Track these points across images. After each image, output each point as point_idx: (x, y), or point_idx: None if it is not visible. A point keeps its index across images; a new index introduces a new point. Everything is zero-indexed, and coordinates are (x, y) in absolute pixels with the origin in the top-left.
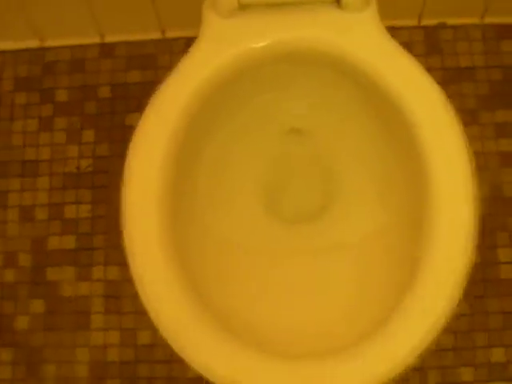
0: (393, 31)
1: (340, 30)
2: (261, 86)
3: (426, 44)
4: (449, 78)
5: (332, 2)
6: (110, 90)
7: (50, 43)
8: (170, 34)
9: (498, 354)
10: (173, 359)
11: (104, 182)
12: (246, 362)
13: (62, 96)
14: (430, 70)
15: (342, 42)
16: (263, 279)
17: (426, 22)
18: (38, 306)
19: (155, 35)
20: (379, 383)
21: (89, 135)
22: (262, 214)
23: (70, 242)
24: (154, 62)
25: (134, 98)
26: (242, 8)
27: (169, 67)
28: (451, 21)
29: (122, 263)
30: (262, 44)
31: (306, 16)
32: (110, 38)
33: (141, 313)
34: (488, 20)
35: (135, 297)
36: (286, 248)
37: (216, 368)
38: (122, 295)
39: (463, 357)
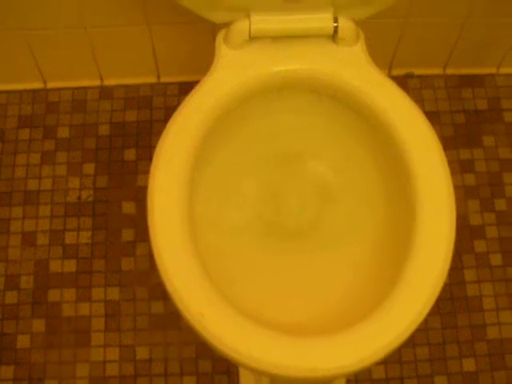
0: None
1: (334, 61)
2: (266, 110)
3: None
4: None
5: (328, 38)
6: (109, 128)
7: (52, 85)
8: (165, 79)
9: (468, 364)
10: (170, 373)
11: (104, 210)
12: (257, 336)
13: (63, 133)
14: None
15: (337, 71)
16: (266, 274)
17: (395, 72)
18: (39, 325)
19: (151, 79)
20: (378, 357)
21: (89, 168)
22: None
23: (70, 265)
24: (149, 103)
25: (131, 135)
26: (251, 40)
27: (163, 108)
28: (417, 71)
29: (121, 284)
30: (268, 72)
31: (306, 49)
32: (109, 81)
33: (139, 330)
34: (450, 71)
35: (134, 315)
36: (284, 250)
37: (232, 342)
38: (122, 314)
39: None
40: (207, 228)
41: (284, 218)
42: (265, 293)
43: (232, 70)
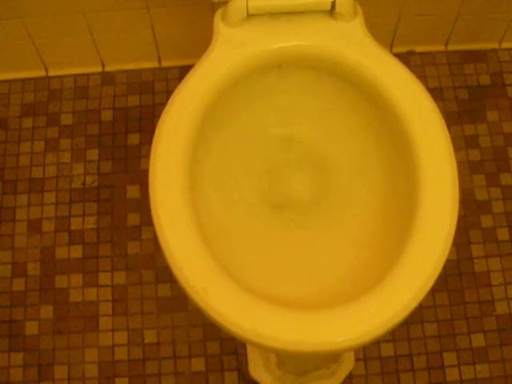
0: None
1: (334, 37)
2: (265, 88)
3: None
4: None
5: (326, 13)
6: (112, 113)
7: (54, 72)
8: (166, 63)
9: (477, 340)
10: (178, 356)
11: (108, 195)
12: (261, 311)
13: (66, 120)
14: None
15: (336, 47)
16: (268, 250)
17: (396, 49)
18: (47, 311)
19: (152, 64)
20: (383, 329)
21: (93, 154)
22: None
23: (76, 251)
24: (151, 87)
25: (133, 120)
26: (249, 18)
27: (165, 92)
28: (419, 48)
29: (128, 268)
30: (266, 49)
31: (304, 25)
32: (110, 67)
33: (147, 313)
34: (451, 47)
35: (141, 299)
36: (287, 228)
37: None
38: (129, 298)
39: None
40: (210, 205)
41: (286, 196)
42: (268, 269)
43: (230, 48)
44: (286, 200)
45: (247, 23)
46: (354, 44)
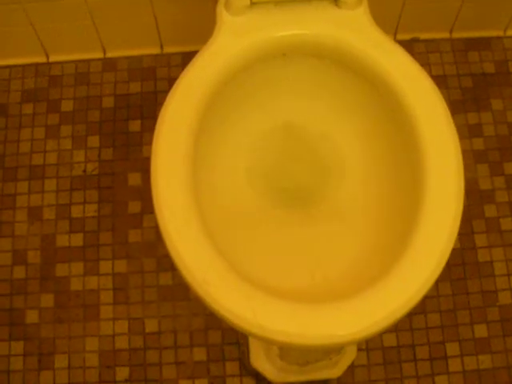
0: None
1: (338, 25)
2: (269, 77)
3: None
4: None
5: (330, 1)
6: (113, 100)
7: (55, 58)
8: (168, 50)
9: (480, 330)
10: (179, 345)
11: (109, 183)
12: (264, 303)
13: (67, 106)
14: None
15: (341, 35)
16: (268, 244)
17: (400, 36)
18: (47, 300)
19: (154, 50)
20: (388, 322)
21: (94, 141)
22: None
23: (77, 239)
24: (153, 74)
25: (135, 107)
26: (252, 6)
27: (167, 79)
28: (423, 36)
29: (129, 256)
30: (270, 38)
31: (308, 13)
32: (111, 53)
33: (148, 302)
34: (456, 34)
35: (142, 287)
36: (291, 220)
37: (238, 310)
38: (130, 286)
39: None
40: (213, 195)
41: (290, 188)
42: (271, 261)
43: (233, 37)
44: (290, 192)
45: (251, 11)
46: (358, 32)
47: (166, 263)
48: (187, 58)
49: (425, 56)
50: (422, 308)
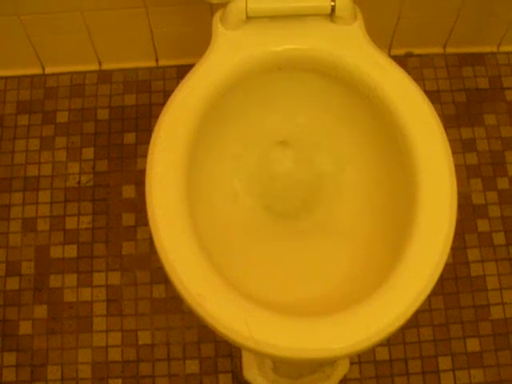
0: None
1: (333, 40)
2: (264, 92)
3: None
4: None
5: (325, 16)
6: (108, 112)
7: (51, 70)
8: (163, 63)
9: (472, 344)
10: (172, 357)
11: (104, 195)
12: (258, 317)
13: (62, 118)
14: None
15: (336, 50)
16: (264, 257)
17: (395, 51)
18: (40, 311)
19: (149, 63)
20: (381, 336)
21: (89, 153)
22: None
23: (71, 250)
24: (148, 87)
25: (130, 119)
26: (247, 20)
27: (162, 91)
28: (417, 51)
29: (123, 268)
30: (265, 53)
31: (304, 28)
32: (107, 66)
33: (141, 314)
34: (450, 50)
35: (136, 299)
36: (285, 233)
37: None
38: (123, 298)
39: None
40: (208, 208)
41: (286, 201)
42: (265, 275)
43: (229, 51)
44: (286, 205)
45: (246, 26)
46: (353, 48)
47: (160, 276)
48: (182, 71)
49: (419, 71)
50: (414, 322)
